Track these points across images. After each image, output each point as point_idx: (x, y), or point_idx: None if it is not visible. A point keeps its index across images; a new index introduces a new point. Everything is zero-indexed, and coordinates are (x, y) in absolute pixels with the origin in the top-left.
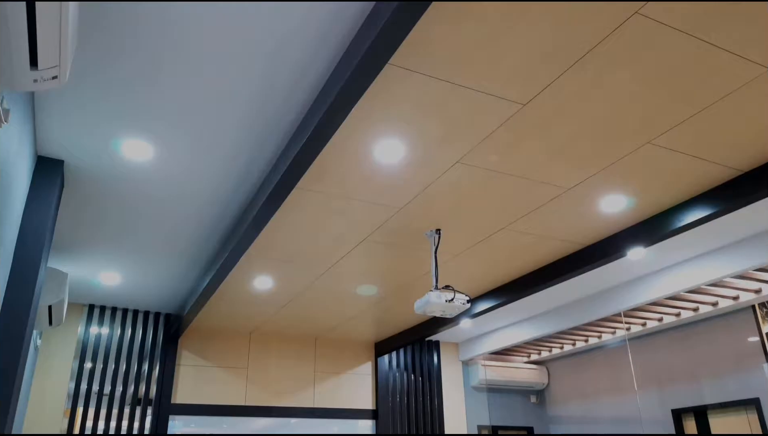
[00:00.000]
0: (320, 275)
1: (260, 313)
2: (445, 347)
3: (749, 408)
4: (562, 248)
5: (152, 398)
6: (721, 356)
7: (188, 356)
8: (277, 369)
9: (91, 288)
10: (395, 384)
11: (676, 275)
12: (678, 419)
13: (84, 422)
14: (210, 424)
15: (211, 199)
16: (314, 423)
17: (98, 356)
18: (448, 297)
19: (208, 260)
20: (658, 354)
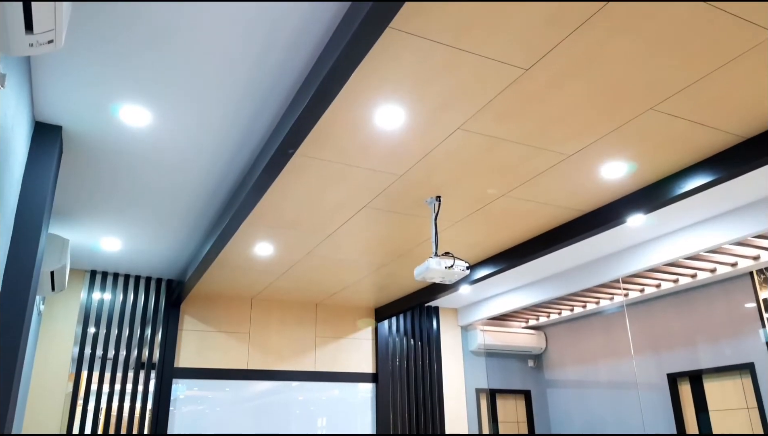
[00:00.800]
0: (320, 242)
1: (261, 279)
2: (445, 312)
3: (743, 372)
4: (561, 215)
5: (155, 362)
6: (718, 321)
7: (190, 321)
8: (279, 334)
9: (92, 254)
10: (395, 349)
11: (675, 241)
12: (673, 382)
13: (89, 385)
14: (213, 387)
15: (209, 166)
16: (315, 386)
17: (101, 321)
18: (447, 264)
19: (209, 226)
20: (655, 320)
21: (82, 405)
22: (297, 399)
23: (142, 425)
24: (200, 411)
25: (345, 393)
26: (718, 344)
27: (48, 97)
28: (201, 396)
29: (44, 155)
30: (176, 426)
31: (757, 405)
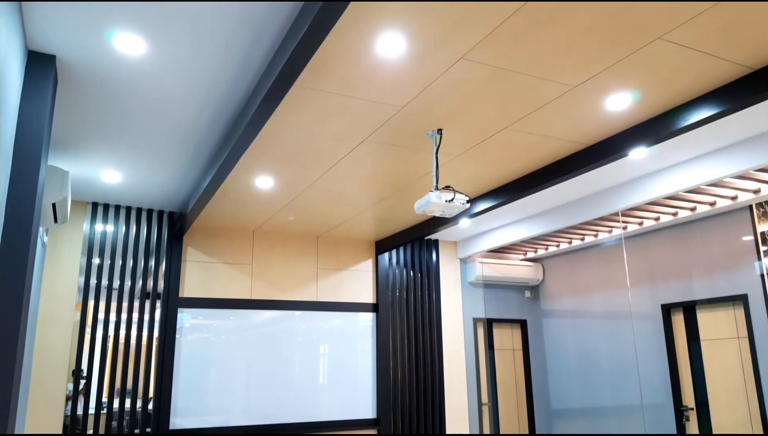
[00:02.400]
0: (321, 175)
1: (262, 212)
2: (444, 245)
3: (737, 304)
4: (564, 148)
5: (160, 292)
6: (714, 254)
7: (193, 252)
8: (281, 266)
9: (93, 186)
10: (395, 280)
11: (675, 174)
12: (667, 313)
13: (96, 314)
14: (217, 316)
15: (206, 98)
16: (317, 315)
17: (105, 253)
18: (448, 197)
19: (209, 158)
20: (652, 252)
21: (90, 333)
22: (300, 328)
23: (150, 352)
24: (205, 339)
25: (346, 322)
26: (713, 276)
27: (40, 25)
28: (206, 324)
29: (39, 85)
30: (182, 353)
31: (748, 335)
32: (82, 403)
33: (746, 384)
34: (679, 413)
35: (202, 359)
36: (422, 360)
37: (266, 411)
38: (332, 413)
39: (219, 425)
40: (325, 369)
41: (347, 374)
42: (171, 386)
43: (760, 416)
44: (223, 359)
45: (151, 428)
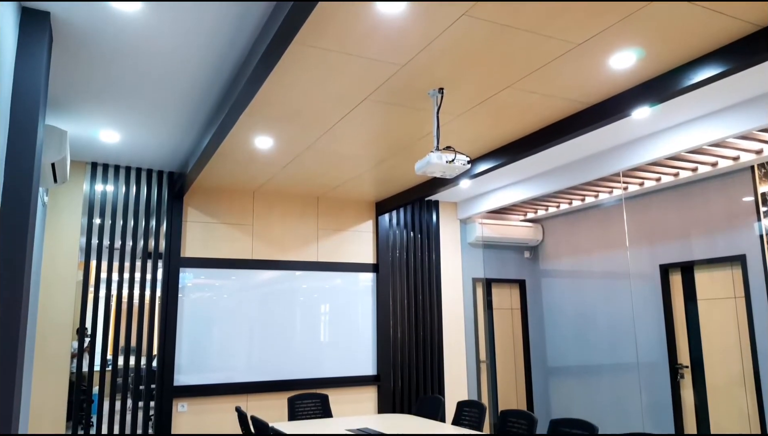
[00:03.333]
0: (320, 135)
1: (262, 172)
2: (444, 206)
3: (735, 264)
4: (566, 108)
5: (162, 252)
6: (714, 214)
7: (194, 212)
8: (281, 226)
9: (91, 146)
10: (395, 241)
11: (678, 134)
12: (665, 273)
13: (98, 273)
14: (219, 276)
15: (204, 55)
16: (318, 275)
17: (105, 213)
18: (448, 158)
19: (207, 118)
20: (652, 213)
21: (94, 292)
22: (301, 287)
23: (153, 311)
24: (208, 298)
25: (347, 282)
26: (713, 236)
27: None
28: (208, 284)
29: (34, 43)
30: (185, 312)
31: (745, 295)
32: (87, 360)
33: (741, 343)
34: (674, 371)
35: (205, 318)
36: (422, 319)
37: (268, 368)
38: (333, 370)
39: (222, 382)
40: (326, 328)
41: (348, 332)
42: (174, 343)
43: (753, 374)
44: (226, 318)
45: (155, 384)
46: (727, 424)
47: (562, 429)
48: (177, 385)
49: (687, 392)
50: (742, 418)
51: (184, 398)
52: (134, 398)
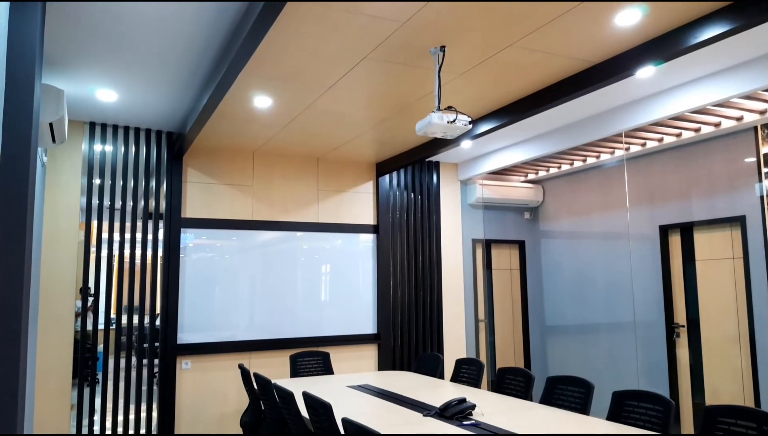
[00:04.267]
0: (320, 95)
1: (262, 132)
2: (445, 167)
3: (734, 225)
4: (570, 67)
5: (162, 212)
6: (715, 175)
7: (194, 173)
8: (282, 187)
9: (89, 106)
10: (395, 202)
11: (681, 94)
12: (664, 233)
13: (100, 233)
14: (220, 236)
15: (202, 11)
16: (319, 236)
17: (105, 173)
18: (449, 118)
19: (206, 77)
20: (654, 174)
21: (96, 252)
22: (301, 248)
23: (155, 270)
24: (209, 258)
25: (347, 243)
26: (713, 197)
27: None
28: (209, 244)
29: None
30: (187, 272)
31: (743, 256)
32: (91, 319)
33: (737, 303)
34: (670, 330)
35: (207, 278)
36: (421, 279)
37: (270, 327)
38: (334, 329)
39: (225, 340)
40: (327, 288)
41: (348, 292)
42: (177, 303)
43: (748, 333)
44: (228, 278)
45: (159, 342)
46: (721, 382)
47: (559, 386)
48: (180, 343)
49: (682, 350)
50: (736, 376)
51: (187, 356)
52: (138, 356)
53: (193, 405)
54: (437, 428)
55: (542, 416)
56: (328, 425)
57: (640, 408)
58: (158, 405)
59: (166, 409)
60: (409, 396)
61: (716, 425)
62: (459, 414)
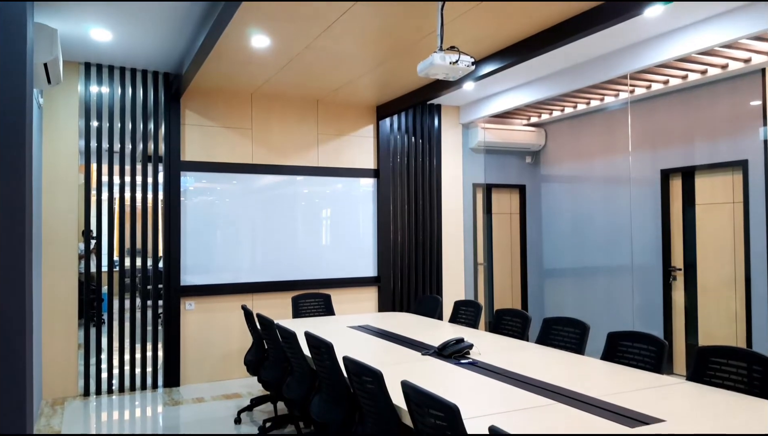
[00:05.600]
0: (319, 34)
1: (260, 73)
2: (446, 110)
3: (736, 169)
4: (576, 5)
5: (161, 155)
6: (720, 119)
7: (192, 115)
8: (281, 131)
9: (83, 46)
10: (396, 146)
11: (689, 35)
12: (665, 178)
13: (99, 176)
14: (220, 180)
15: None
16: (319, 180)
17: (102, 115)
18: (452, 59)
19: (202, 14)
20: (658, 117)
21: (96, 195)
22: (302, 192)
23: (156, 214)
24: (210, 202)
25: (347, 187)
26: (716, 141)
27: None
28: (209, 188)
29: None
30: (188, 215)
31: (743, 200)
32: (94, 262)
33: (735, 247)
34: (667, 273)
35: (208, 221)
36: (421, 223)
37: (272, 270)
38: (335, 271)
39: (227, 282)
40: (328, 231)
41: (349, 236)
42: (179, 245)
43: (744, 276)
44: (229, 222)
45: (162, 284)
46: (716, 325)
47: (555, 327)
48: (184, 285)
49: (678, 293)
50: (730, 319)
51: (191, 298)
52: (143, 297)
53: (197, 345)
54: (435, 366)
55: (537, 355)
56: (330, 363)
57: (634, 348)
58: (163, 345)
59: (171, 348)
60: (409, 336)
61: (708, 365)
62: (457, 353)
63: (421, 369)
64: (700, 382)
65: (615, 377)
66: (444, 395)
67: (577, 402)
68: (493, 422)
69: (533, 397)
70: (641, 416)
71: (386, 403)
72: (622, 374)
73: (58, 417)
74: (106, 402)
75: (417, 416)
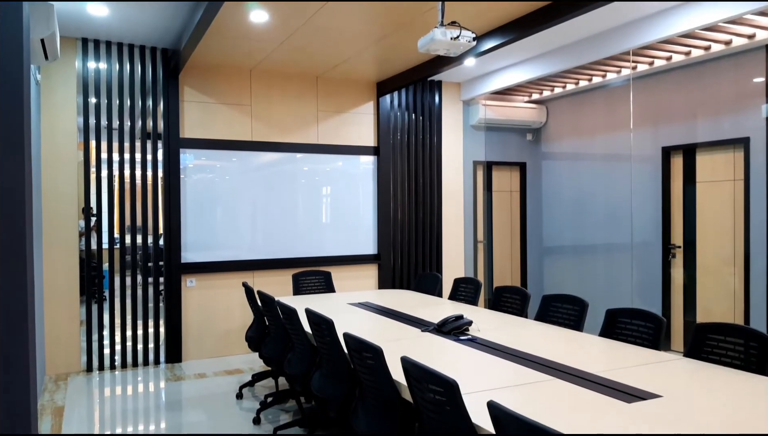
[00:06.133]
0: (318, 8)
1: (259, 49)
2: (447, 87)
3: (737, 147)
4: None
5: (160, 132)
6: (723, 96)
7: (191, 92)
8: (280, 107)
9: (80, 21)
10: (396, 123)
11: (693, 11)
12: (666, 155)
13: (99, 154)
14: (220, 157)
15: None
16: (319, 158)
17: (101, 92)
18: (453, 34)
19: None
20: (660, 94)
21: (96, 172)
22: (302, 170)
23: (156, 191)
24: (210, 179)
25: (347, 165)
26: (718, 118)
27: None
28: (209, 165)
29: None
30: (188, 193)
31: (744, 177)
32: (95, 239)
33: (735, 225)
34: (666, 251)
35: (208, 199)
36: (422, 201)
37: (272, 247)
38: (335, 249)
39: (228, 259)
40: (328, 209)
41: (349, 213)
42: (179, 223)
43: (743, 254)
44: (229, 199)
45: (163, 261)
46: (714, 302)
47: (554, 304)
48: (184, 262)
49: (677, 271)
50: (728, 296)
51: (192, 275)
52: (144, 274)
53: (199, 321)
54: (435, 342)
55: (536, 332)
56: (331, 339)
57: (632, 325)
58: (165, 321)
59: (172, 325)
60: (408, 313)
61: (705, 341)
62: (456, 330)
63: (420, 345)
64: (697, 358)
65: (613, 354)
66: (443, 370)
67: (575, 378)
68: (492, 397)
69: (532, 373)
70: (638, 392)
71: (386, 378)
72: (620, 351)
73: (61, 392)
74: (109, 377)
75: (416, 391)
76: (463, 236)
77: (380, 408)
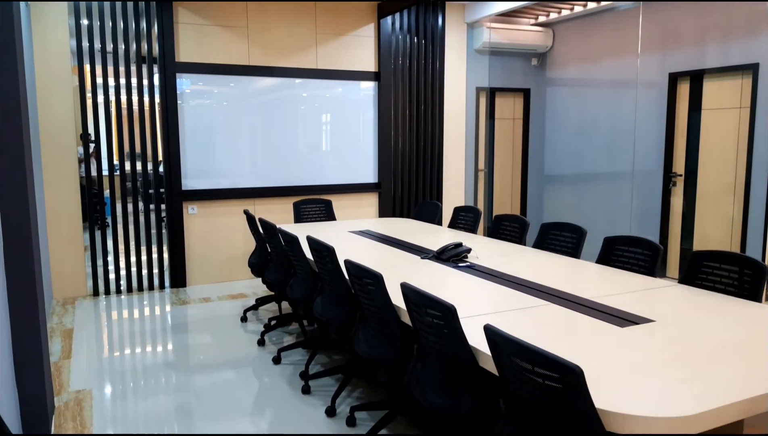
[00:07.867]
0: None
1: None
2: (451, 8)
3: (746, 73)
4: None
5: (156, 56)
6: (734, 19)
7: (185, 13)
8: (278, 30)
9: None
10: (398, 47)
11: None
12: (673, 82)
13: (93, 78)
14: (217, 82)
15: None
16: (318, 84)
17: (93, 13)
18: None
19: None
20: (670, 17)
21: (92, 98)
22: (301, 96)
23: (154, 117)
24: (208, 105)
25: (347, 91)
26: (728, 44)
27: None
28: (207, 91)
29: None
30: (186, 119)
31: (751, 105)
32: (94, 165)
33: (738, 153)
34: (667, 179)
35: (207, 125)
36: (423, 128)
37: (273, 175)
38: (336, 177)
39: (229, 187)
40: (328, 137)
41: (349, 141)
42: (179, 150)
43: (744, 182)
44: (228, 126)
45: (164, 188)
46: (712, 230)
47: (552, 232)
48: (185, 189)
49: (677, 199)
50: (726, 224)
51: (193, 202)
52: (145, 201)
53: (202, 247)
54: (434, 269)
55: (534, 259)
56: (332, 266)
57: (629, 253)
58: (168, 247)
59: (176, 251)
60: (408, 241)
61: (700, 268)
62: (455, 257)
63: (420, 272)
64: (692, 285)
65: (608, 280)
66: (442, 296)
67: (570, 303)
68: (488, 320)
69: (528, 298)
70: (632, 316)
71: (386, 303)
72: (615, 277)
73: (69, 315)
74: (116, 301)
75: (415, 315)
76: (464, 165)
77: (380, 331)
